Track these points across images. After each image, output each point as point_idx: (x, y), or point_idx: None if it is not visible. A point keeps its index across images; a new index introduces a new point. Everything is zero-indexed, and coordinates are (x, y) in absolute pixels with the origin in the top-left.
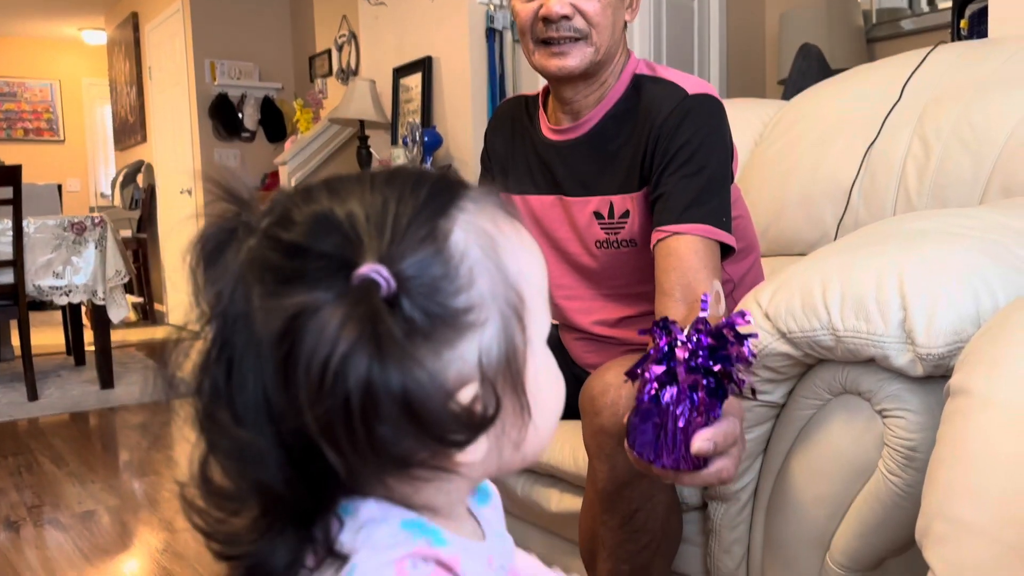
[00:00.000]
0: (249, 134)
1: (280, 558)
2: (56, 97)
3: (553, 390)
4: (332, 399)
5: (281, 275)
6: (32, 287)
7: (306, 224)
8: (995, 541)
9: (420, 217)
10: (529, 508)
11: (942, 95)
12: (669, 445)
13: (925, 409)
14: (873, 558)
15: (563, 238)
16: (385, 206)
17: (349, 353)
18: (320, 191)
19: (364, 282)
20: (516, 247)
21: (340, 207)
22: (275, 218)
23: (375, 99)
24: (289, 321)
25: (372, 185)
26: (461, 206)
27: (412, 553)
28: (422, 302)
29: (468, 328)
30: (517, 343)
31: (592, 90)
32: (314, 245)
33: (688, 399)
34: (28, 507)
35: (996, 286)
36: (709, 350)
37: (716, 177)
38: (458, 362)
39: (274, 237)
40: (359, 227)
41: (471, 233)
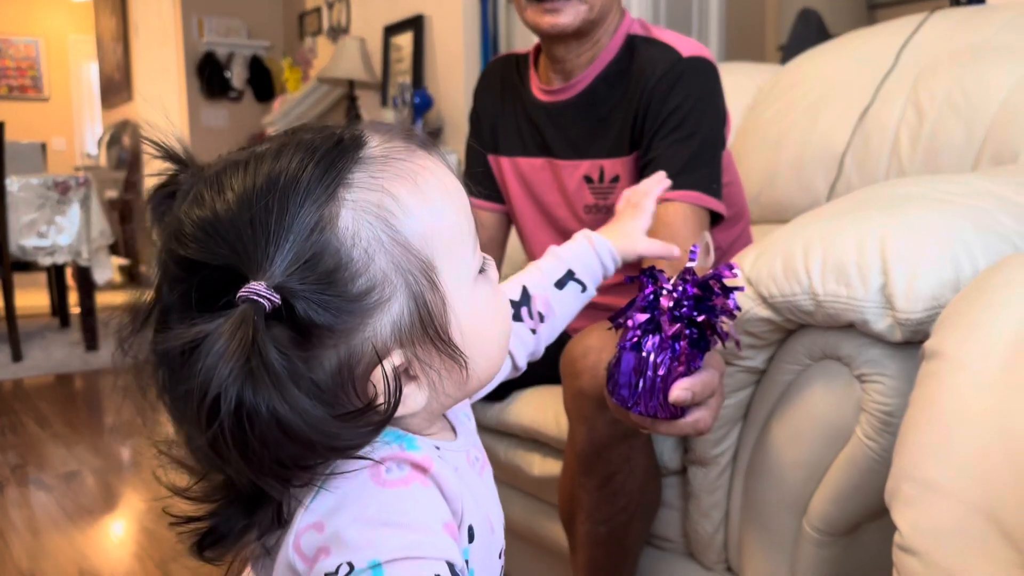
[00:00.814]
0: (237, 93)
1: (232, 524)
2: (41, 54)
3: (489, 325)
4: (211, 427)
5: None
6: (16, 247)
7: (196, 238)
8: (960, 501)
9: (304, 209)
10: (512, 472)
11: (937, 62)
12: (647, 393)
13: (903, 374)
14: (849, 523)
15: (551, 202)
16: (268, 203)
17: (224, 388)
18: (206, 188)
19: (245, 306)
20: (416, 209)
21: (223, 207)
22: (171, 229)
23: (365, 59)
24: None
25: (257, 169)
26: (349, 181)
27: (387, 457)
28: (318, 298)
29: (373, 307)
30: (431, 304)
31: (584, 49)
32: (206, 260)
33: (670, 348)
34: (12, 467)
35: (977, 252)
36: (694, 300)
37: (708, 143)
38: (371, 338)
39: (172, 251)
40: (243, 234)
41: (360, 211)
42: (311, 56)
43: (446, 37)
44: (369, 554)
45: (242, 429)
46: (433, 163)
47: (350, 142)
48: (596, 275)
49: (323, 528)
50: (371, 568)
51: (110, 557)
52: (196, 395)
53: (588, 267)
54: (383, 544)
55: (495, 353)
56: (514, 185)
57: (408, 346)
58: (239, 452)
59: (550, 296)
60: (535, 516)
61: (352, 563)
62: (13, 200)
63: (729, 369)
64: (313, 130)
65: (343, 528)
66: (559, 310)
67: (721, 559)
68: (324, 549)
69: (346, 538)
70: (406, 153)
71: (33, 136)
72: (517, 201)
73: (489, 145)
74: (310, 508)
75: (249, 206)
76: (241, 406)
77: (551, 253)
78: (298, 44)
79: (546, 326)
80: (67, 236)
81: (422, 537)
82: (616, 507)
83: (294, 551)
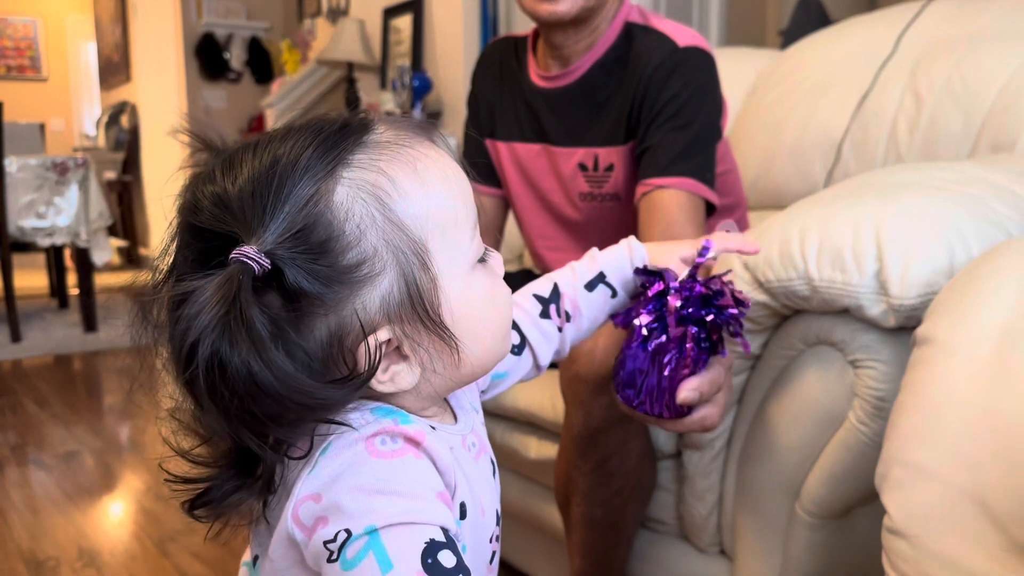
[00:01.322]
0: (235, 75)
1: (223, 488)
2: (39, 34)
3: (485, 312)
4: (186, 373)
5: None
6: (14, 228)
7: (207, 209)
8: (948, 485)
9: (303, 182)
10: (508, 455)
11: (936, 49)
12: (654, 393)
13: (896, 360)
14: (841, 506)
15: (547, 188)
16: (269, 176)
17: (200, 338)
18: (219, 167)
19: (234, 266)
20: (412, 192)
21: (232, 183)
22: (187, 204)
23: (364, 41)
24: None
25: (266, 149)
26: (348, 161)
27: (380, 431)
28: (308, 267)
29: (363, 281)
30: (421, 284)
31: (582, 36)
32: (213, 227)
33: (676, 349)
34: (12, 447)
35: (971, 239)
36: (702, 300)
37: (703, 132)
38: (360, 311)
39: (186, 220)
40: (244, 204)
41: (355, 188)
42: (310, 38)
43: (446, 20)
44: (365, 520)
45: (213, 377)
46: (437, 152)
47: (357, 127)
48: (628, 281)
49: (320, 498)
50: (368, 534)
51: (109, 537)
52: (177, 341)
53: (620, 272)
54: (379, 511)
55: (489, 340)
56: (511, 170)
57: (397, 323)
58: (211, 399)
59: (579, 297)
60: (531, 498)
61: (350, 529)
62: (12, 181)
63: None
64: (326, 116)
65: (340, 497)
66: (586, 311)
67: (715, 541)
68: (322, 519)
69: (343, 506)
70: (410, 141)
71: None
72: (514, 186)
73: (487, 129)
74: (307, 480)
75: (253, 180)
76: (215, 355)
77: (589, 254)
78: (297, 26)
79: (572, 326)
80: (66, 217)
81: (416, 504)
82: (611, 490)
83: (293, 521)
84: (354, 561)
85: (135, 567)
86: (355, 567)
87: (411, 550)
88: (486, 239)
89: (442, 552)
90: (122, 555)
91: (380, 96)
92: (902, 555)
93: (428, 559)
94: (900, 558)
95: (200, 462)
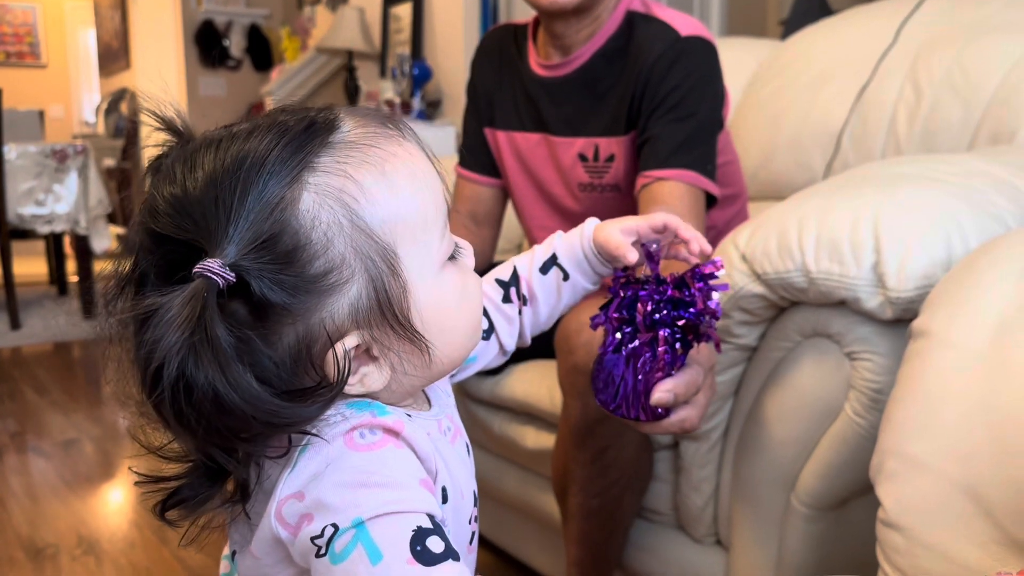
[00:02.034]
0: (235, 62)
1: (195, 491)
2: (38, 20)
3: (455, 311)
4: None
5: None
6: (14, 215)
7: (167, 214)
8: (940, 476)
9: (267, 190)
10: (506, 445)
11: (936, 39)
12: (630, 397)
13: (892, 352)
14: (837, 498)
15: (547, 179)
16: (233, 178)
17: (166, 360)
18: (179, 164)
19: (199, 282)
20: (379, 196)
21: (192, 184)
22: (146, 205)
23: (364, 28)
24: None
25: (228, 148)
26: (314, 165)
27: (359, 424)
28: (275, 277)
29: (331, 289)
30: (390, 289)
31: (584, 25)
32: (172, 234)
33: (649, 352)
34: (11, 434)
35: (969, 232)
36: (673, 302)
37: (705, 124)
38: (328, 319)
39: (144, 225)
40: (207, 212)
41: (322, 195)
42: (310, 25)
43: (446, 8)
44: (352, 513)
45: (179, 399)
46: (405, 151)
47: (322, 126)
48: (580, 263)
49: (304, 496)
50: (355, 527)
51: (108, 524)
52: (141, 364)
53: (572, 253)
54: (364, 503)
55: (460, 339)
56: (510, 160)
57: (366, 328)
58: (176, 419)
59: (534, 279)
60: (529, 488)
61: (336, 524)
62: (11, 168)
63: (722, 346)
64: (290, 112)
65: (323, 493)
66: (541, 295)
67: (711, 532)
68: (307, 516)
69: (327, 502)
70: (378, 140)
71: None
72: (513, 176)
73: (486, 118)
74: (288, 479)
75: (215, 184)
76: (180, 378)
77: (549, 237)
78: (297, 13)
79: (529, 310)
80: (65, 204)
81: (400, 493)
82: (608, 480)
83: (276, 520)
84: (343, 555)
85: (134, 555)
86: (344, 560)
87: (399, 539)
88: (485, 229)
89: (430, 538)
90: (121, 542)
91: (380, 84)
92: (896, 547)
93: (417, 546)
94: (894, 550)
95: (172, 457)
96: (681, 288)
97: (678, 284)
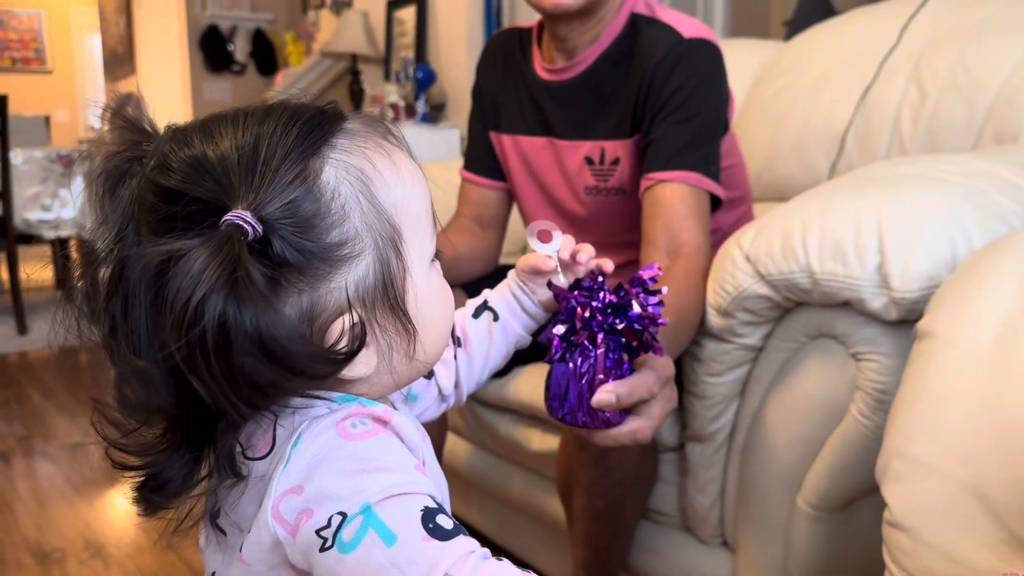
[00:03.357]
0: (240, 67)
1: (175, 471)
2: (44, 26)
3: (437, 307)
4: (190, 335)
5: (161, 218)
6: (20, 220)
7: (182, 170)
8: (946, 478)
9: (291, 157)
10: (511, 447)
11: (940, 39)
12: (575, 403)
13: (897, 353)
14: (842, 499)
15: (552, 183)
16: (256, 147)
17: (207, 294)
18: (195, 133)
19: (229, 228)
20: (391, 180)
21: (213, 150)
22: (156, 162)
23: (368, 32)
24: (162, 263)
25: (245, 123)
26: (333, 143)
27: (349, 414)
28: (294, 240)
29: (343, 261)
30: (394, 271)
31: (588, 28)
32: (189, 190)
33: (592, 357)
34: (18, 438)
35: (973, 232)
36: (613, 308)
37: (708, 125)
38: (336, 292)
39: (154, 182)
40: (230, 171)
41: (342, 170)
42: (314, 30)
43: (449, 11)
44: (358, 499)
45: (217, 339)
46: (403, 150)
47: (333, 115)
48: (508, 301)
49: (302, 490)
50: (363, 512)
51: (115, 528)
52: (177, 302)
53: (501, 295)
54: (368, 487)
55: (440, 335)
56: (515, 163)
57: (367, 308)
58: (217, 367)
59: (467, 323)
60: (534, 490)
61: (344, 511)
62: (17, 173)
63: (726, 347)
64: (299, 102)
65: (324, 484)
66: (473, 339)
67: (717, 533)
68: (306, 511)
69: (330, 491)
70: (382, 137)
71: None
72: (518, 179)
73: (491, 122)
74: (283, 475)
75: (238, 149)
76: (223, 315)
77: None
78: (301, 17)
79: (464, 354)
80: (71, 209)
81: (402, 476)
82: (612, 482)
83: (274, 520)
84: (354, 542)
85: (141, 559)
86: (356, 548)
87: (411, 518)
88: (490, 232)
89: (439, 516)
90: (128, 547)
91: (384, 88)
92: (902, 548)
93: (429, 524)
94: (900, 551)
95: (134, 451)
96: (619, 293)
97: (616, 290)
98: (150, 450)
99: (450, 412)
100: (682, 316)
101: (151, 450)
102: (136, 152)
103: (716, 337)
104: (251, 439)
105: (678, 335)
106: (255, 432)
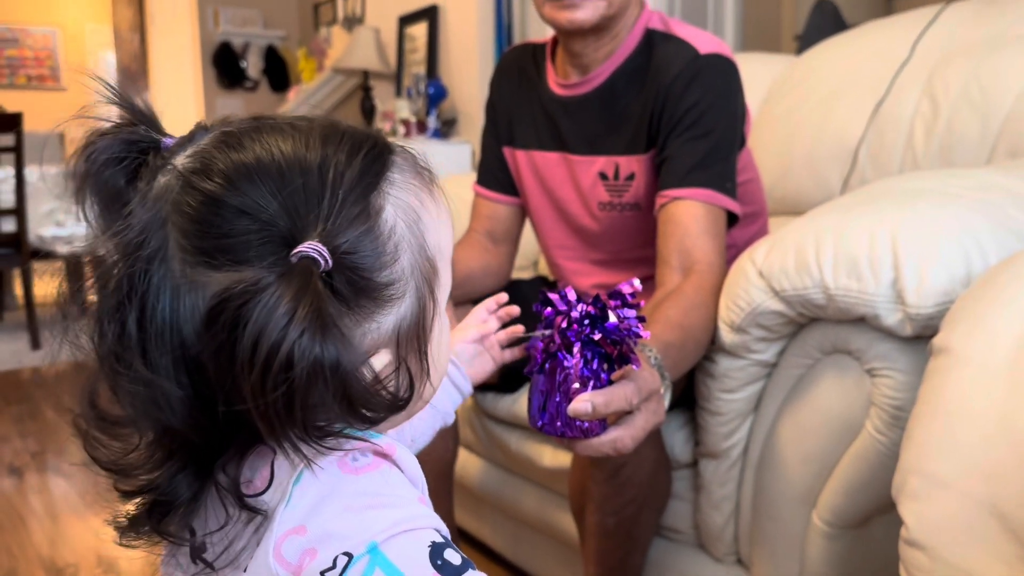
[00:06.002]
0: (252, 83)
1: (182, 493)
2: (58, 44)
3: (444, 345)
4: (278, 380)
5: (209, 234)
6: (34, 236)
7: (238, 183)
8: (964, 495)
9: (356, 191)
10: (523, 463)
11: (953, 53)
12: (553, 412)
13: (913, 368)
14: (859, 516)
15: (565, 198)
16: (322, 172)
17: (299, 338)
18: (249, 137)
19: (305, 260)
20: (435, 219)
21: (275, 164)
22: (196, 163)
23: (380, 49)
24: (223, 294)
25: (308, 142)
26: (390, 179)
27: (350, 449)
28: (351, 276)
29: (388, 301)
30: (427, 312)
31: (602, 44)
32: (252, 211)
33: (568, 367)
34: (31, 454)
35: (988, 247)
36: (590, 319)
37: (723, 141)
38: (374, 332)
39: (198, 188)
40: (297, 194)
41: (399, 209)
42: (326, 46)
43: (461, 27)
44: (364, 538)
45: (310, 386)
46: (437, 187)
47: (384, 146)
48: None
49: (305, 530)
50: (369, 552)
51: None
52: (261, 351)
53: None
54: (374, 525)
55: (442, 373)
56: (529, 179)
57: (399, 347)
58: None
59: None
60: (546, 507)
61: (349, 552)
62: (32, 190)
63: (740, 363)
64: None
65: (329, 523)
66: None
67: (731, 551)
68: (310, 551)
69: (335, 531)
70: (422, 170)
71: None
72: (532, 195)
73: (505, 137)
74: (285, 514)
75: (302, 171)
76: (319, 359)
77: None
78: (313, 34)
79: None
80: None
81: (408, 510)
82: (625, 498)
83: (276, 561)
84: None
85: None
86: None
87: (418, 556)
88: (503, 247)
89: (447, 551)
90: (141, 562)
91: (395, 103)
92: (919, 566)
93: (437, 560)
94: (918, 569)
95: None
96: (596, 305)
97: (594, 302)
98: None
99: (462, 427)
100: (688, 334)
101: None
102: (132, 135)
103: (730, 353)
104: (245, 472)
105: (684, 352)
106: (252, 463)
